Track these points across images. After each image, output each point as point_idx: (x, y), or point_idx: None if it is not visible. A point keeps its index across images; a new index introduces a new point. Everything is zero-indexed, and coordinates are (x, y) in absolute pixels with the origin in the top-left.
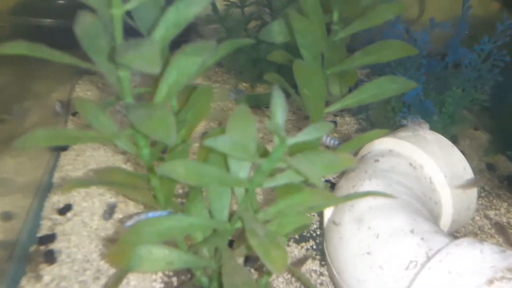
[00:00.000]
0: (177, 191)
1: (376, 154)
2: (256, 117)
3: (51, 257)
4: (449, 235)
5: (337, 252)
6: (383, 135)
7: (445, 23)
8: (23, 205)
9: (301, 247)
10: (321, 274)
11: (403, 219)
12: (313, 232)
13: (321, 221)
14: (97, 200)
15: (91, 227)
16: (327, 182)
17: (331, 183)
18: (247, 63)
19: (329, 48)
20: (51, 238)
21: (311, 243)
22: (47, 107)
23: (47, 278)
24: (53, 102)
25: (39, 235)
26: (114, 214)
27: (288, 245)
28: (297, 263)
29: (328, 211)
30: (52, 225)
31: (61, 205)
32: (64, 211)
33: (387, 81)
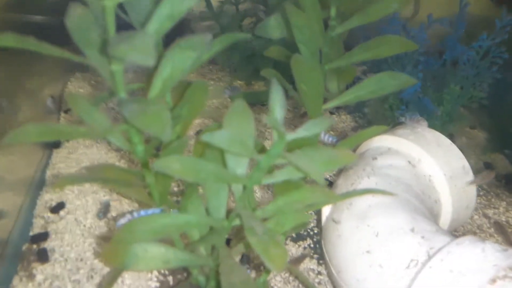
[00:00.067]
0: (172, 189)
1: (374, 151)
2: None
3: (43, 256)
4: (450, 234)
5: (336, 250)
6: (382, 132)
7: (444, 19)
8: (14, 203)
9: (299, 246)
10: (319, 273)
11: (403, 218)
12: (310, 230)
13: (318, 220)
14: (90, 198)
15: (85, 226)
16: (325, 180)
17: (328, 181)
18: (242, 61)
19: (327, 43)
20: (44, 236)
21: (309, 241)
22: (38, 105)
23: (39, 277)
24: (45, 99)
25: (31, 233)
26: (108, 213)
27: (285, 243)
28: (295, 262)
29: (326, 209)
30: (44, 224)
31: (53, 203)
32: (56, 209)
33: (386, 77)
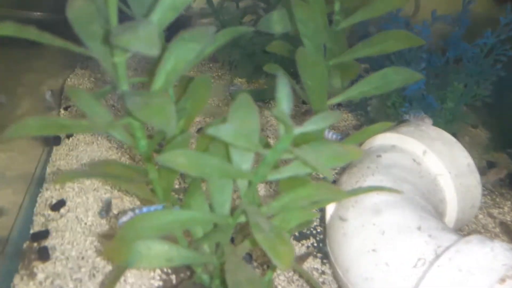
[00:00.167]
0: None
1: (378, 149)
2: None
3: (44, 254)
4: (457, 233)
5: (341, 249)
6: (387, 129)
7: (447, 16)
8: (14, 200)
9: (302, 245)
10: (323, 272)
11: (409, 216)
12: (313, 229)
13: (321, 218)
14: (91, 195)
15: (86, 223)
16: (325, 178)
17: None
18: (243, 58)
19: (331, 38)
20: (44, 234)
21: (312, 240)
22: (38, 101)
23: (41, 275)
24: (44, 96)
25: (32, 231)
26: (110, 211)
27: None
28: (298, 261)
29: (330, 207)
30: (45, 221)
31: (54, 201)
32: (57, 207)
33: (391, 72)
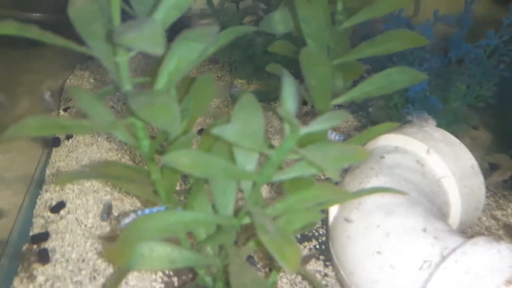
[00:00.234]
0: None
1: (381, 150)
2: None
3: (44, 257)
4: (462, 235)
5: (345, 251)
6: (392, 129)
7: (449, 16)
8: (14, 202)
9: (304, 247)
10: (326, 275)
11: (414, 217)
12: (316, 231)
13: (323, 221)
14: (91, 197)
15: (86, 226)
16: (329, 180)
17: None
18: (243, 59)
19: (334, 38)
20: (44, 236)
21: (314, 242)
22: (37, 102)
23: (40, 278)
24: (43, 98)
25: (31, 233)
26: (111, 213)
27: None
28: (301, 263)
29: (333, 209)
30: (44, 223)
31: (53, 203)
32: (57, 208)
33: (395, 72)
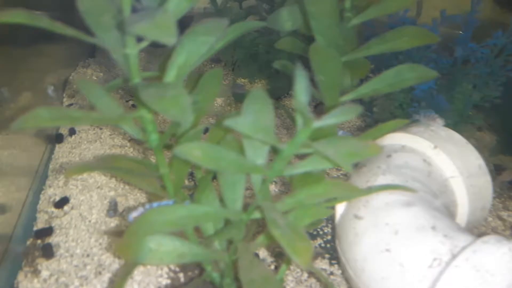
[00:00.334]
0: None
1: (388, 149)
2: None
3: (48, 252)
4: (471, 233)
5: (352, 249)
6: (397, 128)
7: (456, 16)
8: (18, 197)
9: None
10: (332, 273)
11: (422, 215)
12: (320, 230)
13: (328, 219)
14: (95, 193)
15: (90, 221)
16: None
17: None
18: (246, 58)
19: (342, 36)
20: (48, 231)
21: (319, 241)
22: (39, 99)
23: (45, 273)
24: (46, 94)
25: (35, 228)
26: (117, 210)
27: None
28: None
29: (340, 207)
30: (48, 219)
31: (57, 198)
32: (60, 204)
33: (405, 69)
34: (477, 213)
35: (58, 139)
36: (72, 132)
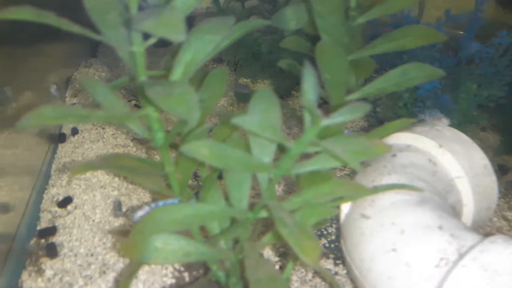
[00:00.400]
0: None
1: (393, 148)
2: None
3: (52, 251)
4: (478, 233)
5: (358, 249)
6: (402, 128)
7: (461, 15)
8: (21, 197)
9: None
10: (336, 273)
11: (428, 215)
12: (324, 230)
13: (331, 219)
14: (98, 193)
15: (93, 221)
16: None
17: None
18: (248, 58)
19: (347, 34)
20: (52, 231)
21: (323, 241)
22: (42, 99)
23: (49, 272)
24: (49, 94)
25: (38, 228)
26: (121, 210)
27: None
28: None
29: (345, 207)
30: (52, 218)
31: (60, 198)
32: (64, 203)
33: (412, 68)
34: (482, 213)
35: (60, 138)
36: (74, 131)
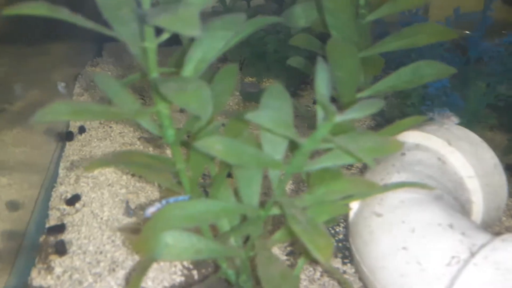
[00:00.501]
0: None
1: None
2: None
3: (61, 248)
4: (488, 231)
5: (367, 248)
6: (411, 127)
7: (472, 13)
8: (30, 195)
9: None
10: (344, 272)
11: (439, 213)
12: (332, 229)
13: (341, 217)
14: (106, 191)
15: (102, 218)
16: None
17: None
18: (254, 57)
19: (357, 32)
20: (61, 228)
21: (331, 240)
22: (50, 97)
23: (58, 269)
24: (56, 94)
25: (47, 225)
26: (131, 209)
27: None
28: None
29: (354, 205)
30: (60, 216)
31: (68, 195)
32: (72, 201)
33: (423, 65)
34: (492, 213)
35: (68, 137)
36: (82, 130)
